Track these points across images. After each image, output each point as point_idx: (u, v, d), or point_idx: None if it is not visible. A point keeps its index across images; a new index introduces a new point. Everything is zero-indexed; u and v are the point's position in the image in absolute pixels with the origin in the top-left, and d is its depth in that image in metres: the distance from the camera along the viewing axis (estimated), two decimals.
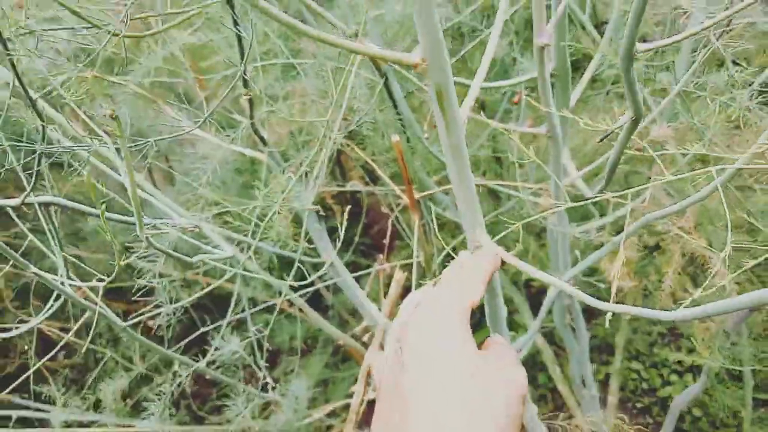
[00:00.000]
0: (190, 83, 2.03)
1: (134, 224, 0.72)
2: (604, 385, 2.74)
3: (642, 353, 2.98)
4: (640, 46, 0.55)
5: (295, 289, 1.78)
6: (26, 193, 0.95)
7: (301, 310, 1.95)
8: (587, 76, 1.10)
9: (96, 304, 0.93)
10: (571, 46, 1.23)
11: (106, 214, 0.91)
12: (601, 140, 0.66)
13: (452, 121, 0.65)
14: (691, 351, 2.76)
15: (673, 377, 2.83)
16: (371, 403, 2.36)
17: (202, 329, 1.52)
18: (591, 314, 2.62)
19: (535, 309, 2.35)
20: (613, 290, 0.79)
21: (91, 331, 0.96)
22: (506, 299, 2.57)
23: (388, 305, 1.28)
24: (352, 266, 3.02)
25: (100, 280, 0.95)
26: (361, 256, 3.12)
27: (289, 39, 2.00)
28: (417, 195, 1.36)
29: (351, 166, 2.12)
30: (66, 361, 2.35)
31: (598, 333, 2.94)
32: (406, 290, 1.42)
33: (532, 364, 2.89)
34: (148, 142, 0.63)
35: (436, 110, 0.65)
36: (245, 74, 0.90)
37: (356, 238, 2.54)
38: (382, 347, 1.31)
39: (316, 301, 2.71)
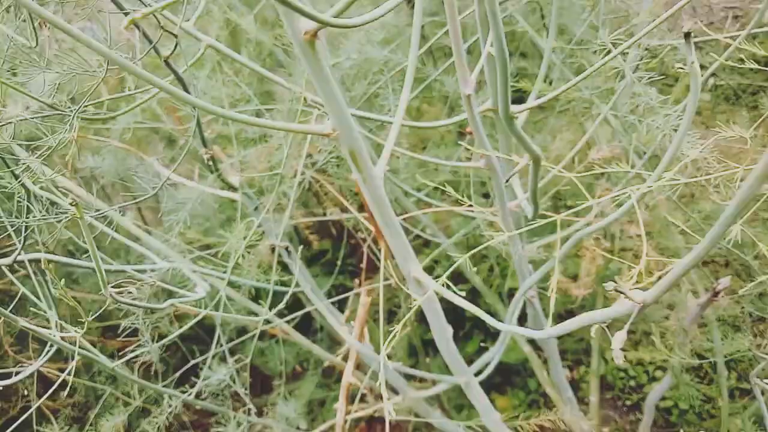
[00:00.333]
0: (171, 126, 2.14)
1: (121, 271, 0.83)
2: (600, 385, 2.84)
3: (627, 352, 3.07)
4: (514, 108, 0.66)
5: (282, 315, 1.88)
6: (17, 252, 1.06)
7: (286, 333, 2.04)
8: (525, 111, 1.21)
9: (83, 347, 1.02)
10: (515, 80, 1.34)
11: (90, 265, 1.02)
12: (506, 181, 0.76)
13: (369, 178, 0.76)
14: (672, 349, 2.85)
15: (659, 373, 2.93)
16: (358, 421, 2.45)
17: (192, 361, 1.62)
18: (561, 318, 2.70)
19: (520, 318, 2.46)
20: (552, 301, 0.89)
21: (91, 371, 1.06)
22: (491, 311, 2.68)
23: (356, 328, 1.38)
24: (340, 288, 3.13)
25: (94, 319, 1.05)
26: (350, 277, 3.23)
27: (263, 82, 2.12)
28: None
29: (326, 197, 2.23)
30: (68, 400, 2.44)
31: (585, 336, 3.04)
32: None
33: (523, 370, 2.98)
34: (110, 210, 0.73)
35: (353, 168, 0.76)
36: (202, 132, 1.01)
37: (338, 262, 2.65)
38: (357, 367, 1.41)
39: (307, 324, 2.81)
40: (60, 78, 0.82)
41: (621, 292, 0.58)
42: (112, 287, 1.08)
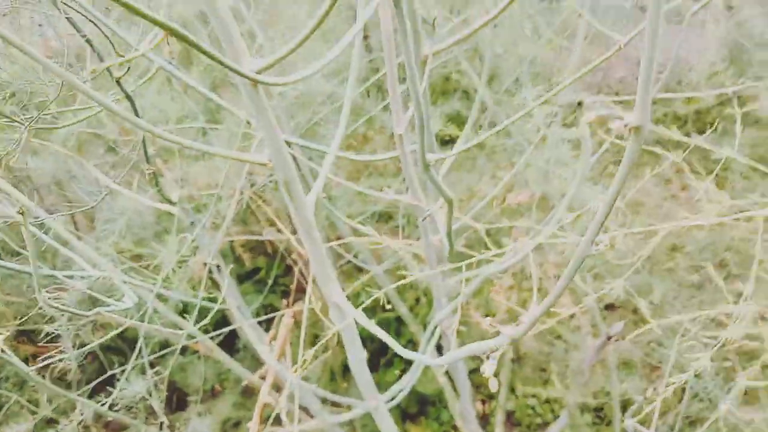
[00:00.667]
0: (114, 135, 2.15)
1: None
2: (507, 418, 2.96)
3: (536, 389, 3.22)
4: (430, 156, 0.77)
5: (207, 332, 1.90)
6: None
7: (210, 350, 2.06)
8: (453, 153, 1.33)
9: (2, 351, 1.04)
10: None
11: (23, 269, 1.04)
12: (423, 219, 0.86)
13: (300, 206, 0.84)
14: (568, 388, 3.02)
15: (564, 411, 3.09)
16: None
17: (110, 372, 1.61)
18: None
19: (439, 349, 2.56)
20: (453, 339, 0.99)
21: None
22: (414, 339, 2.77)
23: (278, 348, 1.43)
24: (269, 308, 3.15)
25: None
26: (281, 297, 3.26)
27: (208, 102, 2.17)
28: None
29: (263, 216, 2.29)
30: None
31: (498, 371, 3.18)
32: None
33: (438, 401, 3.08)
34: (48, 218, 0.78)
35: (286, 197, 0.84)
36: (146, 150, 1.06)
37: (269, 281, 2.68)
38: (277, 389, 1.45)
39: (231, 341, 2.81)
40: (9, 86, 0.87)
41: (494, 326, 0.68)
42: (45, 292, 1.09)
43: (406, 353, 0.87)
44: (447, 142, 2.13)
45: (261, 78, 0.69)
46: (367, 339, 1.31)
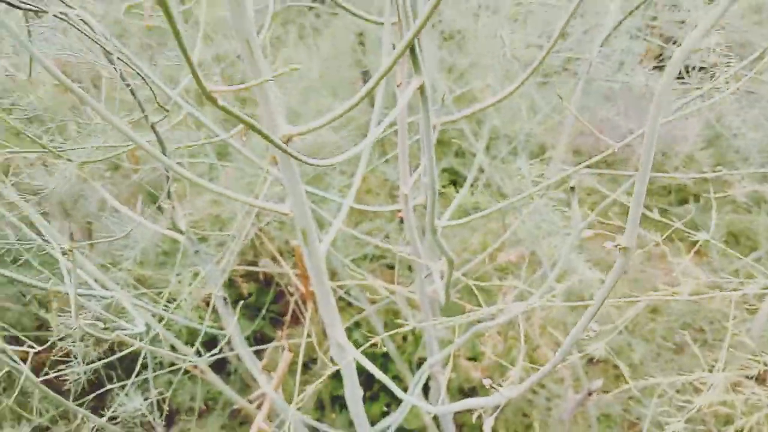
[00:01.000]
0: (127, 164, 2.24)
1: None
2: None
3: None
4: (438, 223, 0.86)
5: (200, 354, 1.97)
6: None
7: (202, 371, 2.12)
8: (450, 209, 1.43)
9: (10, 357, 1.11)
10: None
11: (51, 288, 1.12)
12: (425, 276, 0.95)
13: (314, 252, 0.94)
14: None
15: None
16: None
17: (109, 386, 1.67)
18: (465, 394, 2.89)
19: (425, 389, 2.62)
20: (443, 385, 1.07)
21: None
22: (399, 376, 2.84)
23: (276, 380, 1.50)
24: (258, 333, 3.21)
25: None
26: (270, 324, 3.32)
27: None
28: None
29: (262, 247, 2.38)
30: None
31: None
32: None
33: None
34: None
35: (301, 244, 0.93)
36: (170, 189, 1.15)
37: (264, 309, 2.75)
38: (269, 418, 1.52)
39: (222, 364, 2.87)
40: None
41: (494, 387, 0.77)
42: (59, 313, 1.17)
43: (402, 395, 0.95)
44: (441, 194, 2.24)
45: (294, 153, 0.79)
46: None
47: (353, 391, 1.16)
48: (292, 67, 0.68)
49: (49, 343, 1.40)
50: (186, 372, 2.52)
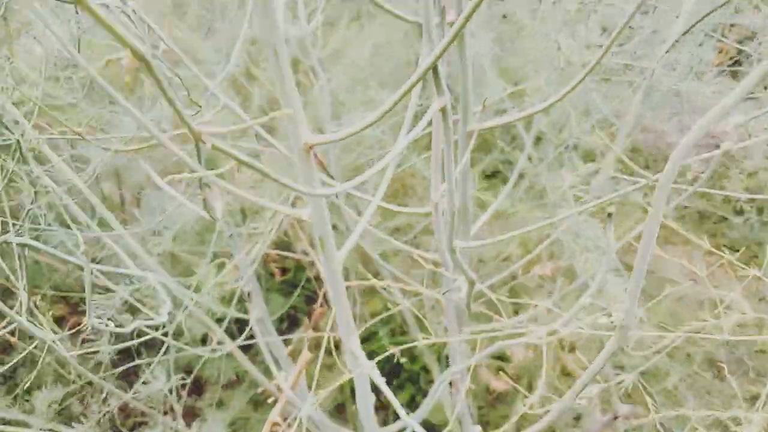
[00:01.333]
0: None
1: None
2: None
3: None
4: (459, 243, 0.83)
5: (229, 331, 2.01)
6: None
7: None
8: (481, 220, 1.39)
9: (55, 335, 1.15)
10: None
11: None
12: (444, 293, 0.92)
13: (330, 259, 0.92)
14: None
15: None
16: None
17: (138, 361, 1.72)
18: (497, 400, 2.85)
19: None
20: (462, 394, 1.04)
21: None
22: (427, 368, 2.83)
23: (293, 377, 1.51)
24: (291, 310, 3.26)
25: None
26: (305, 301, 3.37)
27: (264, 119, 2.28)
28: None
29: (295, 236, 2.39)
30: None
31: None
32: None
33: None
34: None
35: (319, 250, 0.92)
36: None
37: (299, 287, 2.79)
38: (283, 417, 1.52)
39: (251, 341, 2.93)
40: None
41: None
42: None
43: (403, 415, 0.93)
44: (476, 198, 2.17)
45: (313, 167, 0.77)
46: (384, 360, 1.36)
47: (364, 396, 1.16)
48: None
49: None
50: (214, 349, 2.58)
